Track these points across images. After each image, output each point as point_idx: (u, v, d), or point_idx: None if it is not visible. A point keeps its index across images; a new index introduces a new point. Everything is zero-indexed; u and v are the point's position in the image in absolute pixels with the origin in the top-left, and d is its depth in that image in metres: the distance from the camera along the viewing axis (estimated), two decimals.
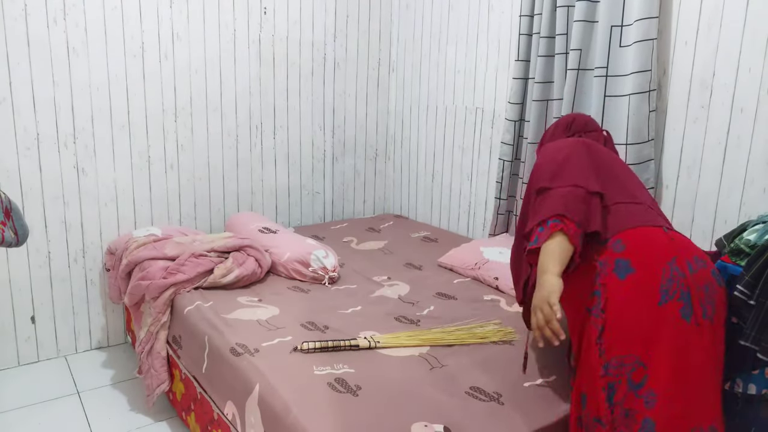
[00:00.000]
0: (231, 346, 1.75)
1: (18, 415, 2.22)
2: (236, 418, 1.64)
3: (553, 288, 1.25)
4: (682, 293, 1.26)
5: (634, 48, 2.06)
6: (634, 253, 1.28)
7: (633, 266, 1.27)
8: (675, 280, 1.26)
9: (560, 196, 1.33)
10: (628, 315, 1.26)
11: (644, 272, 1.26)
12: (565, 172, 1.38)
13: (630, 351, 1.23)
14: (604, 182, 1.41)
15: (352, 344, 1.72)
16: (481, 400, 1.48)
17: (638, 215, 1.39)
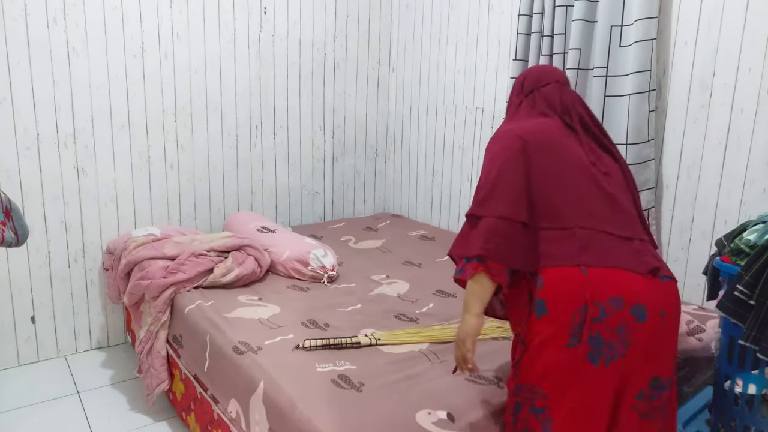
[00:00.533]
0: (234, 344, 1.75)
1: (18, 415, 2.22)
2: (240, 416, 1.64)
3: (471, 330, 1.36)
4: (590, 338, 1.30)
5: (634, 48, 2.06)
6: (549, 294, 1.31)
7: (547, 307, 1.31)
8: (584, 326, 1.29)
9: (486, 231, 1.33)
10: (540, 350, 1.32)
11: (556, 314, 1.30)
12: (495, 196, 1.36)
13: (537, 382, 1.31)
14: (535, 199, 1.37)
15: (354, 342, 1.73)
16: (481, 384, 1.51)
17: (560, 249, 1.36)
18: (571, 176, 1.41)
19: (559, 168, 1.41)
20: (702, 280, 2.07)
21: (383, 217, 3.36)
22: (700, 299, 2.11)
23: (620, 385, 1.32)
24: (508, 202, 1.35)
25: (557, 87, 1.53)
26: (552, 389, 1.30)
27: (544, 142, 1.42)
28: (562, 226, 1.38)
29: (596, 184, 1.42)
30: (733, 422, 1.46)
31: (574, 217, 1.38)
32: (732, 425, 1.47)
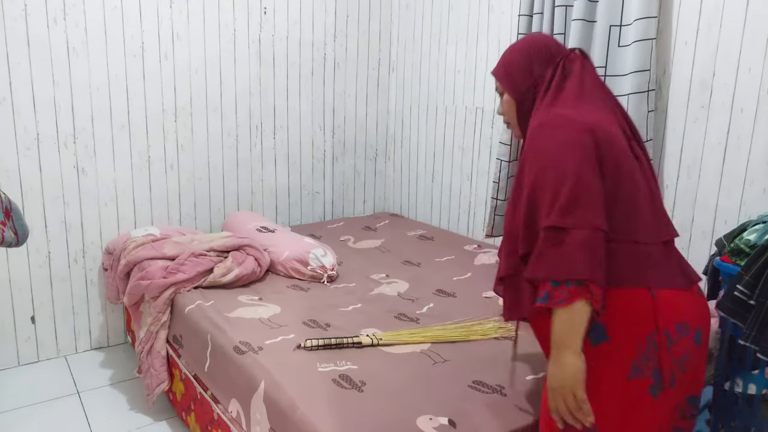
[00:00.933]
0: (234, 344, 1.75)
1: (18, 415, 2.22)
2: (240, 416, 1.64)
3: (578, 375, 1.10)
4: (654, 370, 1.16)
5: (633, 48, 2.06)
6: (611, 319, 1.14)
7: (608, 334, 1.15)
8: (649, 357, 1.15)
9: (580, 246, 1.10)
10: (598, 386, 1.14)
11: (618, 343, 1.15)
12: (580, 203, 1.12)
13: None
14: (610, 205, 1.18)
15: (355, 342, 1.73)
16: (483, 392, 1.50)
17: (629, 266, 1.19)
18: (635, 180, 1.22)
19: (624, 171, 1.21)
20: (702, 280, 2.07)
21: (382, 216, 3.36)
22: None
23: (669, 410, 1.21)
24: (595, 208, 1.12)
25: (578, 59, 1.31)
26: (608, 426, 1.16)
27: (610, 139, 1.21)
28: (632, 239, 1.19)
29: (648, 184, 1.24)
30: (733, 422, 1.46)
31: (639, 229, 1.20)
32: (732, 425, 1.47)
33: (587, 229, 1.10)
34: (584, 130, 1.18)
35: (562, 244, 1.11)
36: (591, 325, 1.12)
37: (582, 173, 1.13)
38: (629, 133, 1.29)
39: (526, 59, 1.34)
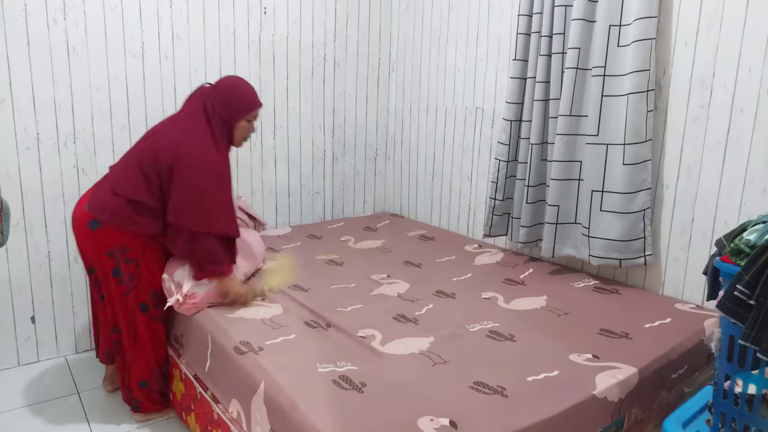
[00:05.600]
0: (235, 344, 1.75)
1: (18, 415, 2.22)
2: (241, 416, 1.64)
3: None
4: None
5: (633, 47, 2.06)
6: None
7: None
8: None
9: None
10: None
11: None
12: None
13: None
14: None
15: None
16: (484, 393, 1.49)
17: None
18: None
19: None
20: (702, 280, 2.07)
21: (382, 216, 3.36)
22: (700, 299, 2.11)
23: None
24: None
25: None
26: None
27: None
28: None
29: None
30: (733, 422, 1.46)
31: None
32: (732, 425, 1.47)
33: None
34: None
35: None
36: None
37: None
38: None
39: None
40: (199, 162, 1.95)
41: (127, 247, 2.01)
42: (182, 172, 1.93)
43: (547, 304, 2.08)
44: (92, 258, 2.05)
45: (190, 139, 1.97)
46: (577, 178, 2.33)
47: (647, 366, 1.66)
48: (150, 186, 1.97)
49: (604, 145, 2.20)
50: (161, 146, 1.96)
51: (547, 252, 2.41)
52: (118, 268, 2.02)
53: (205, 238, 1.97)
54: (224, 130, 2.04)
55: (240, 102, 2.06)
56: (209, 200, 1.96)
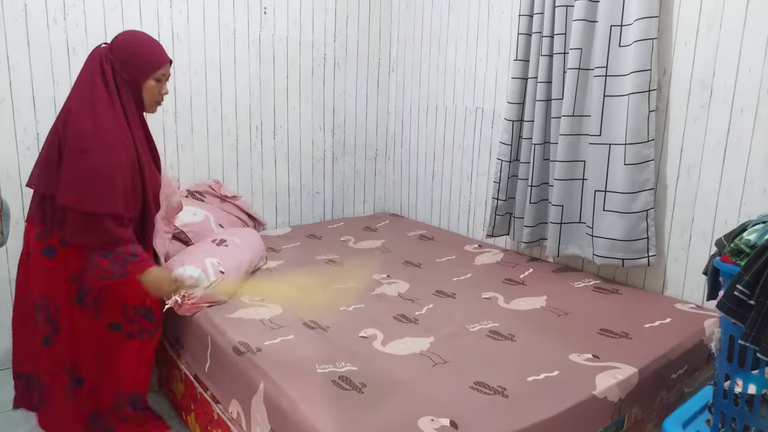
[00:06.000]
0: (233, 345, 1.75)
1: (18, 415, 2.22)
2: (241, 416, 1.64)
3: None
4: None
5: (634, 47, 2.06)
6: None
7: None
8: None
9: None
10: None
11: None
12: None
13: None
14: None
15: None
16: (485, 393, 1.49)
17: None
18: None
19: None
20: (702, 280, 2.07)
21: (382, 216, 3.36)
22: (700, 299, 2.11)
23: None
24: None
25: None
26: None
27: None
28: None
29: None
30: (733, 422, 1.46)
31: None
32: (732, 425, 1.47)
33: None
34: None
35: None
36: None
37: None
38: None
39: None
40: (83, 132, 1.68)
41: (82, 269, 1.79)
42: (68, 143, 1.68)
43: (548, 304, 2.08)
44: (49, 292, 1.80)
45: (78, 105, 1.71)
46: (581, 178, 2.33)
47: (647, 366, 1.66)
48: (53, 170, 1.72)
49: (606, 145, 2.20)
50: (57, 121, 1.74)
51: (551, 251, 2.41)
52: (82, 292, 1.82)
53: (96, 218, 1.68)
54: (129, 93, 1.78)
55: (143, 59, 1.77)
56: (97, 176, 1.68)
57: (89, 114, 1.69)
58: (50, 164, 1.73)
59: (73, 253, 1.77)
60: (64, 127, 1.69)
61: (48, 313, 1.82)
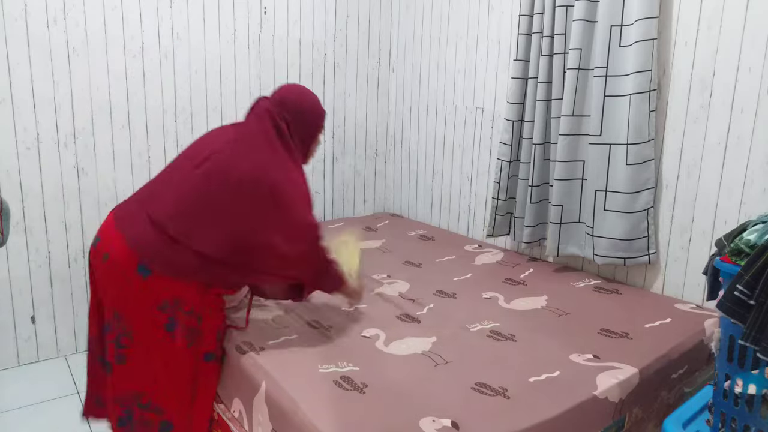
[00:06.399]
0: (237, 344, 1.75)
1: (18, 415, 2.22)
2: (243, 416, 1.64)
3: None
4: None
5: (635, 48, 2.06)
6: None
7: None
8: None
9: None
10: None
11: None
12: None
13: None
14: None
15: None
16: (486, 394, 1.49)
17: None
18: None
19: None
20: (702, 280, 2.07)
21: (382, 216, 3.36)
22: (700, 299, 2.11)
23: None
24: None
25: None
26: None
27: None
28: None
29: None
30: (733, 422, 1.46)
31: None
32: (732, 425, 1.47)
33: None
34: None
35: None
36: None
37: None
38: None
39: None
40: (292, 186, 1.67)
41: (181, 299, 1.62)
42: (277, 198, 1.61)
43: (548, 304, 2.08)
44: (128, 309, 1.61)
45: (273, 161, 1.65)
46: (581, 178, 2.33)
47: (648, 366, 1.66)
48: (218, 228, 1.59)
49: (606, 145, 2.20)
50: (241, 171, 1.60)
51: (551, 251, 2.41)
52: (174, 322, 1.63)
53: (317, 253, 1.72)
54: (301, 148, 1.79)
55: (314, 115, 1.81)
56: (304, 217, 1.69)
57: (284, 170, 1.66)
58: (204, 221, 1.58)
59: (165, 281, 1.59)
60: (264, 183, 1.59)
61: (119, 334, 1.62)
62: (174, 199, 1.61)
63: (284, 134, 1.70)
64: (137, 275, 1.58)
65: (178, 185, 1.64)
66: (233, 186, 1.58)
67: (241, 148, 1.65)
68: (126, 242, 1.59)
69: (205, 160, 1.63)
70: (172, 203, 1.61)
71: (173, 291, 1.61)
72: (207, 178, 1.60)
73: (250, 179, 1.58)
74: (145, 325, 1.61)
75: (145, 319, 1.61)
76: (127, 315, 1.61)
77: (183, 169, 1.67)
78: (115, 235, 1.61)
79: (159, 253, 1.58)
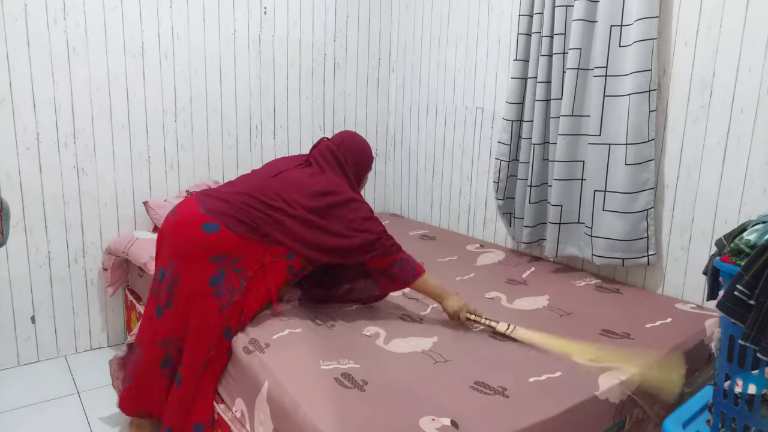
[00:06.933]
0: (244, 344, 1.76)
1: (18, 415, 2.22)
2: (245, 415, 1.65)
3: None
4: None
5: (634, 48, 2.06)
6: None
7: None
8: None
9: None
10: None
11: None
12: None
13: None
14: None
15: (492, 325, 1.84)
16: (486, 393, 1.49)
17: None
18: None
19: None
20: (702, 280, 2.07)
21: (382, 216, 3.36)
22: (701, 299, 2.11)
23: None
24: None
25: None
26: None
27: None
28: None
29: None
30: (733, 422, 1.46)
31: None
32: (732, 425, 1.47)
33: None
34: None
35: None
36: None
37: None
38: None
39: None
40: (360, 201, 1.97)
41: (238, 257, 1.80)
42: (350, 205, 1.92)
43: (549, 304, 2.08)
44: (183, 258, 1.79)
45: (343, 184, 1.98)
46: (580, 178, 2.33)
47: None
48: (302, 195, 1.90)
49: (606, 145, 2.20)
50: (319, 186, 1.91)
51: (550, 252, 2.41)
52: (220, 276, 1.77)
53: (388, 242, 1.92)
54: (356, 180, 2.08)
55: (367, 158, 2.12)
56: (363, 218, 1.93)
57: (347, 190, 1.98)
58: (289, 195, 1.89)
59: (231, 237, 1.80)
60: (338, 194, 1.91)
61: (170, 282, 1.80)
62: (254, 185, 1.91)
63: (343, 167, 2.01)
64: (201, 230, 1.78)
65: (257, 182, 1.93)
66: (311, 194, 1.89)
67: (310, 170, 1.98)
68: (198, 207, 1.83)
69: (280, 173, 1.95)
70: (256, 184, 1.91)
71: (233, 248, 1.79)
72: (284, 182, 1.92)
73: (327, 192, 1.90)
74: (194, 273, 1.77)
75: (197, 267, 1.77)
76: (180, 263, 1.79)
77: (258, 175, 1.98)
78: (191, 203, 1.87)
79: (229, 214, 1.81)
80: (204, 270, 1.77)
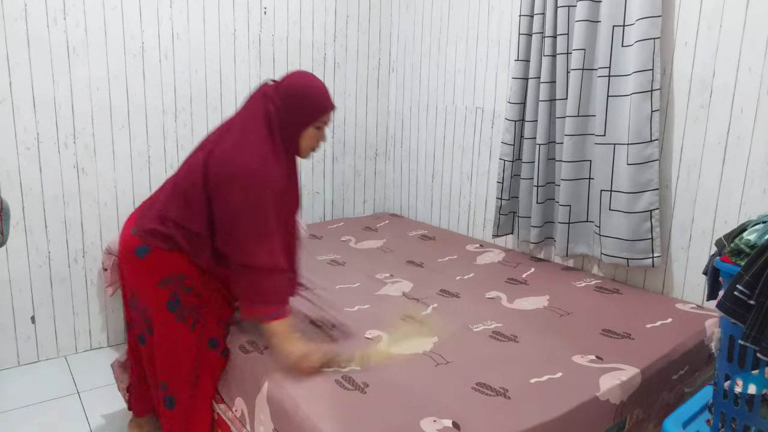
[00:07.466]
0: (240, 343, 1.75)
1: (18, 415, 2.22)
2: (245, 415, 1.64)
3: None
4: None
5: (636, 47, 2.07)
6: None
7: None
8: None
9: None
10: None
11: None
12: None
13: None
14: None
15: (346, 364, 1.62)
16: (487, 395, 1.49)
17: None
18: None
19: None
20: (702, 280, 2.07)
21: (382, 216, 3.36)
22: (701, 299, 2.12)
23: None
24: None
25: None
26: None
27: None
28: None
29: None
30: (733, 422, 1.47)
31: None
32: (732, 425, 1.47)
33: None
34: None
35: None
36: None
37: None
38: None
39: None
40: (246, 182, 1.58)
41: (182, 274, 1.68)
42: (228, 191, 1.58)
43: (550, 304, 2.08)
44: (137, 289, 1.74)
45: (243, 153, 1.59)
46: (587, 177, 2.34)
47: (649, 366, 1.66)
48: (192, 207, 1.64)
49: (611, 144, 2.21)
50: (212, 161, 1.61)
51: (560, 251, 2.41)
52: (176, 299, 1.69)
53: (249, 271, 1.62)
54: (289, 139, 1.66)
55: (308, 105, 1.65)
56: (244, 226, 1.59)
57: (250, 163, 1.58)
58: (188, 201, 1.64)
59: (162, 255, 1.67)
60: (222, 174, 1.58)
61: (139, 315, 1.77)
62: (171, 184, 1.74)
63: (270, 121, 1.62)
64: (135, 257, 1.70)
65: (177, 171, 1.76)
66: (203, 171, 1.62)
67: (225, 134, 1.67)
68: (132, 228, 1.75)
69: (199, 149, 1.72)
70: (170, 187, 1.74)
71: (175, 266, 1.69)
72: (190, 167, 1.68)
73: (214, 164, 1.60)
74: (152, 302, 1.72)
75: (151, 296, 1.71)
76: (139, 294, 1.75)
77: (189, 159, 1.77)
78: (129, 222, 1.80)
79: (157, 231, 1.69)
80: (158, 297, 1.69)
